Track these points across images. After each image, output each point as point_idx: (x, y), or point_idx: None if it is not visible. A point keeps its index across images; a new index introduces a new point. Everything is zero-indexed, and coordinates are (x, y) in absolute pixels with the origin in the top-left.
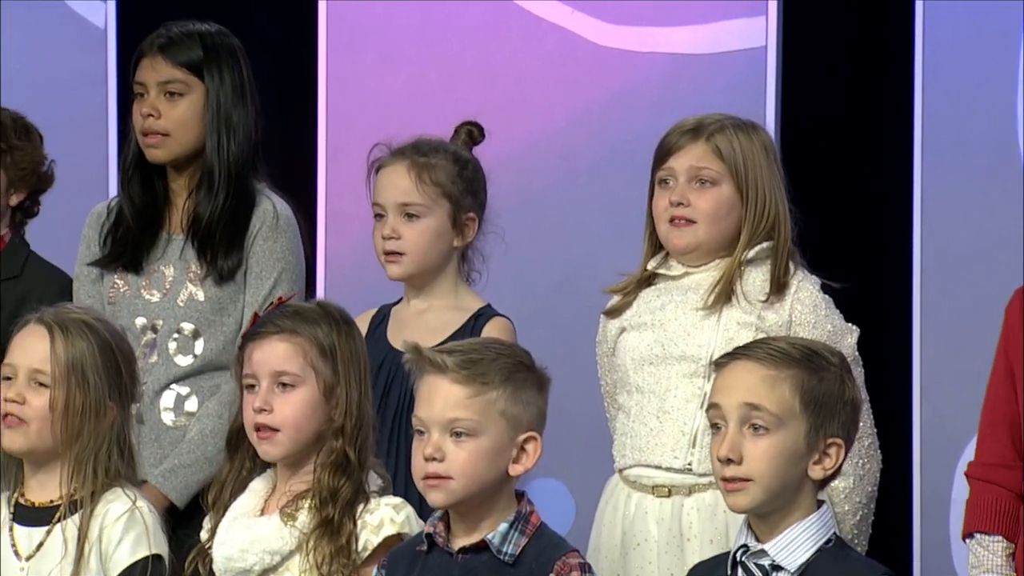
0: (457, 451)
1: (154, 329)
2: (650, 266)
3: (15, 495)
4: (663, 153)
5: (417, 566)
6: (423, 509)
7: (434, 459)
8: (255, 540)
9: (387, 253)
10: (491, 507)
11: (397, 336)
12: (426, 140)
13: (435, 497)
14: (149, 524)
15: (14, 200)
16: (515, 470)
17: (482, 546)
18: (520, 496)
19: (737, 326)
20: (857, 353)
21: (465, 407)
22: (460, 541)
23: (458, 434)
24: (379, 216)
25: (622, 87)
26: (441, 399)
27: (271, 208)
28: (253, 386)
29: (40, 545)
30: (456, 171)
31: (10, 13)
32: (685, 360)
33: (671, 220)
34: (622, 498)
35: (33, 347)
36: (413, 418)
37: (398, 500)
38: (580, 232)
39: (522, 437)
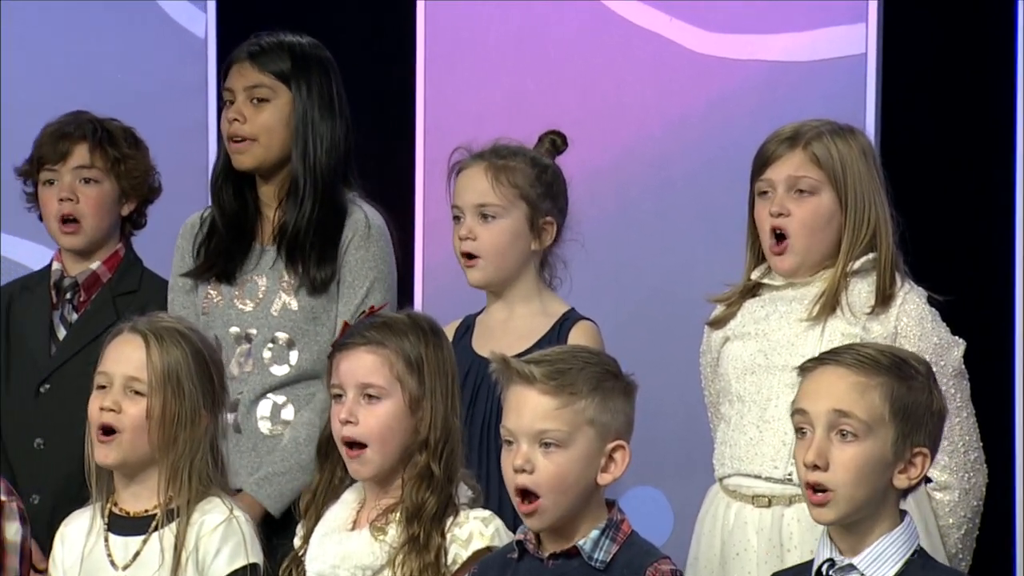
0: (546, 462)
1: (248, 338)
2: (753, 276)
3: (108, 505)
4: (761, 163)
5: (508, 573)
6: (517, 517)
7: (524, 471)
8: (346, 556)
9: (464, 254)
10: (581, 516)
11: (483, 345)
12: (506, 144)
13: (532, 523)
14: (246, 533)
15: (125, 210)
16: (604, 479)
17: (573, 552)
18: (611, 505)
19: (842, 337)
20: (963, 367)
21: (554, 418)
22: (551, 548)
23: (547, 445)
24: (457, 219)
25: (719, 95)
26: (530, 410)
27: (363, 218)
28: (340, 395)
29: (136, 555)
30: (534, 175)
31: (112, 23)
32: (787, 370)
33: (772, 233)
34: (722, 507)
35: (128, 355)
36: (501, 428)
37: (487, 513)
38: (675, 240)
39: (611, 446)
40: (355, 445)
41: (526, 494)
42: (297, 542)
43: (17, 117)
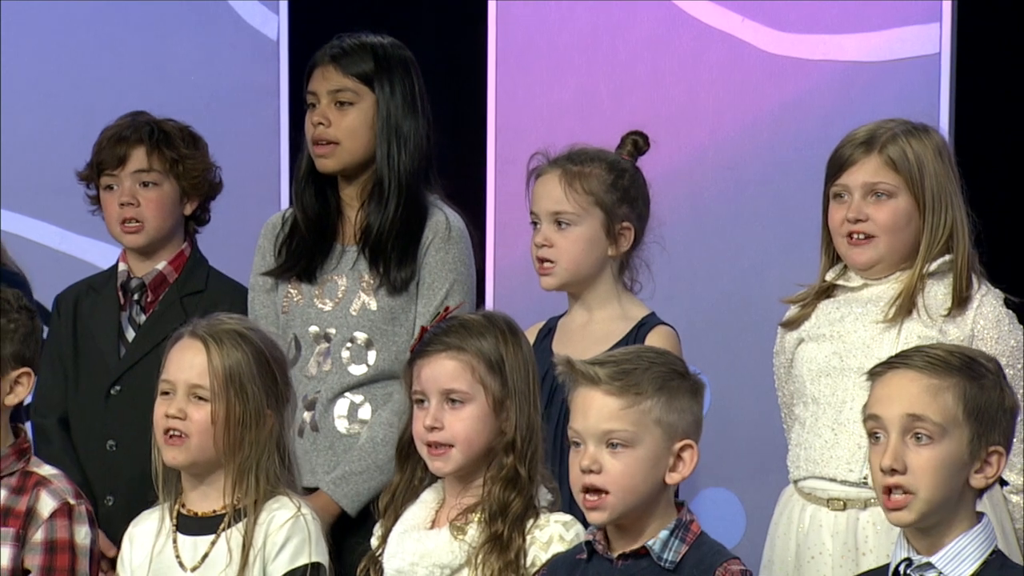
0: (614, 463)
1: (327, 338)
2: (828, 277)
3: (176, 505)
4: (836, 167)
5: (577, 573)
6: (584, 518)
7: (591, 471)
8: (425, 554)
9: (540, 261)
10: (650, 516)
11: (563, 348)
12: (582, 149)
13: (595, 517)
14: (312, 532)
15: (188, 209)
16: (672, 479)
17: (642, 552)
18: (680, 505)
19: (918, 339)
20: None
21: (620, 418)
22: (619, 548)
23: (614, 445)
24: (535, 224)
25: (793, 96)
26: (595, 411)
27: (444, 219)
28: (422, 401)
29: (205, 556)
30: (611, 180)
31: (186, 26)
32: (863, 373)
33: (849, 235)
34: (796, 510)
35: (190, 362)
36: (569, 430)
37: (568, 517)
38: (748, 242)
39: (678, 445)
40: (439, 445)
41: (593, 490)
42: (374, 542)
43: (96, 118)
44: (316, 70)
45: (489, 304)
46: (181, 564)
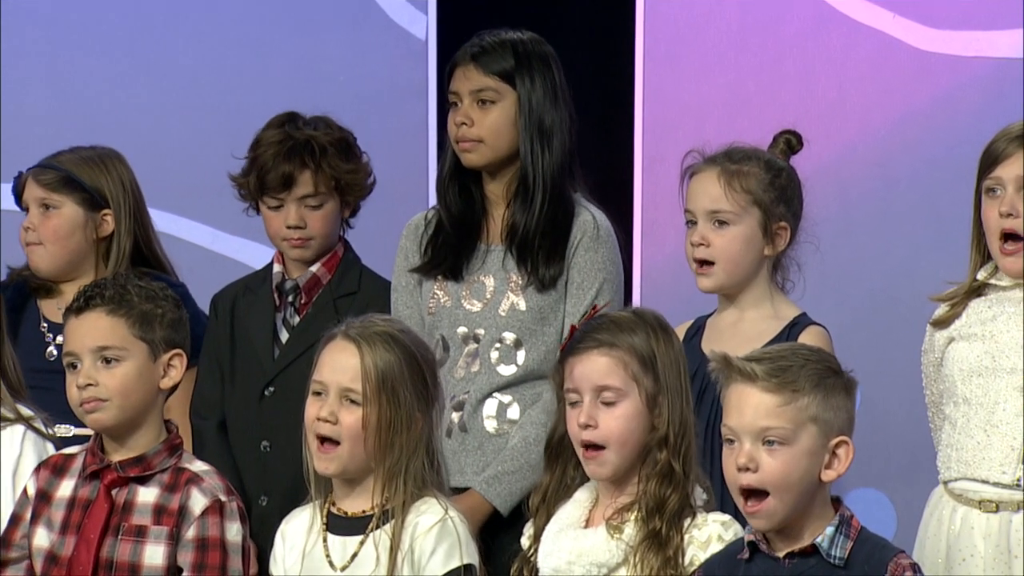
0: (770, 460)
1: (476, 339)
2: (979, 276)
3: (327, 504)
4: (990, 161)
5: (739, 573)
6: (738, 516)
7: (747, 469)
8: (582, 552)
9: (697, 261)
10: (808, 514)
11: (712, 347)
12: (739, 147)
13: (759, 524)
14: (461, 534)
15: (345, 214)
16: (828, 475)
17: (809, 550)
18: (836, 501)
19: None
20: None
21: (776, 415)
22: (782, 548)
23: (770, 442)
24: (690, 223)
25: (945, 93)
26: (752, 408)
27: (591, 219)
28: (576, 401)
29: (354, 556)
30: (768, 179)
31: (334, 25)
32: (1016, 373)
33: (1003, 239)
34: (947, 511)
35: (343, 365)
36: (723, 427)
37: (726, 517)
38: (898, 240)
39: (834, 442)
40: (593, 446)
41: (751, 493)
42: (525, 542)
43: (247, 118)
44: (457, 69)
45: (636, 302)
46: (331, 563)
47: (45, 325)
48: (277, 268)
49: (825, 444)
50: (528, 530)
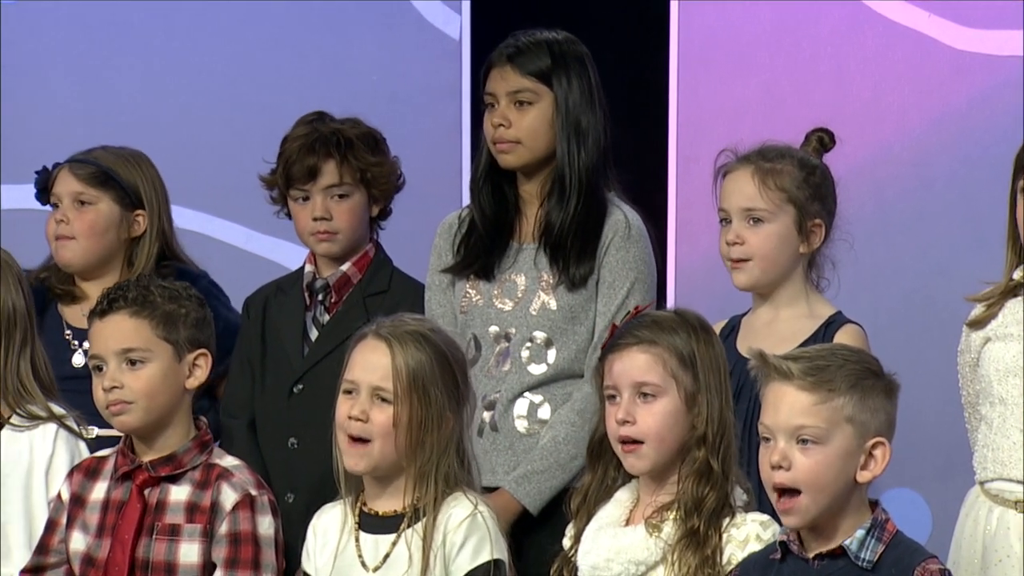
0: (803, 459)
1: (507, 338)
2: (1015, 276)
3: (358, 503)
4: None
5: (771, 574)
6: (776, 516)
7: (780, 467)
8: (621, 550)
9: (732, 259)
10: (842, 514)
11: (747, 346)
12: (773, 146)
13: (791, 521)
14: (491, 528)
15: (375, 211)
16: (863, 477)
17: (838, 552)
18: (874, 504)
19: None
20: None
21: (812, 414)
22: (814, 548)
23: (804, 441)
24: (724, 222)
25: (980, 92)
26: (787, 406)
27: (623, 218)
28: (614, 396)
29: (386, 556)
30: (802, 177)
31: (368, 25)
32: None
33: None
34: (983, 512)
35: (374, 363)
36: (759, 425)
37: (765, 517)
38: (934, 240)
39: (870, 443)
40: (631, 441)
41: (784, 491)
42: (567, 542)
43: (280, 118)
44: (493, 70)
45: (671, 302)
46: (363, 564)
47: (69, 332)
48: (309, 268)
49: (861, 445)
50: (570, 530)
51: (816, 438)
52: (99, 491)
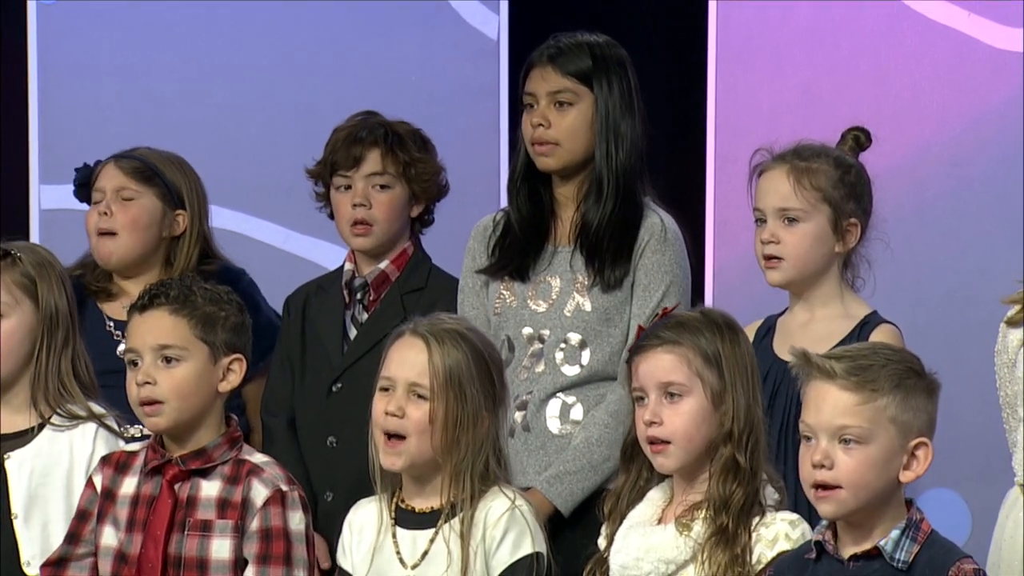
0: (846, 459)
1: (541, 339)
2: None
3: (395, 499)
4: None
5: (806, 574)
6: (811, 516)
7: (822, 466)
8: (650, 548)
9: (766, 258)
10: (881, 514)
11: (783, 346)
12: (808, 145)
13: (826, 509)
14: (530, 522)
15: (415, 212)
16: (906, 477)
17: (873, 553)
18: (909, 503)
19: None
20: None
21: (854, 414)
22: (849, 549)
23: (847, 441)
24: (759, 221)
25: (1020, 92)
26: (830, 406)
27: (659, 221)
28: (642, 398)
29: (424, 554)
30: (838, 176)
31: (407, 26)
32: None
33: None
34: (1023, 514)
35: (411, 360)
36: (800, 424)
37: (795, 516)
38: (973, 240)
39: (912, 443)
40: (659, 441)
41: (824, 486)
42: (602, 543)
43: (319, 119)
44: (534, 71)
45: (708, 303)
46: (401, 561)
47: (111, 324)
48: (348, 267)
49: (904, 445)
50: (604, 531)
51: (859, 438)
52: (129, 486)
